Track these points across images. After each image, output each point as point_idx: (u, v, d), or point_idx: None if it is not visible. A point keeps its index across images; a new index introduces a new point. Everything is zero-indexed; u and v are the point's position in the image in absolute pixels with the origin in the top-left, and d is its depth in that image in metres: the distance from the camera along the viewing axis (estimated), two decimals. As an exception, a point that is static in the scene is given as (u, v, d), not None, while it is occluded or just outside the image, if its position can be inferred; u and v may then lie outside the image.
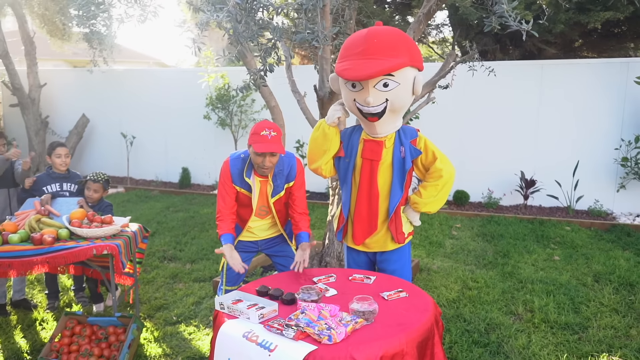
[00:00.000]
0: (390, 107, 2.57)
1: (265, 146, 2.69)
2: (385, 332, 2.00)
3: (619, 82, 6.57)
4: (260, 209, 3.02)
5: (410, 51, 2.51)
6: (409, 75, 2.53)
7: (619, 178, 6.70)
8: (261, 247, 3.19)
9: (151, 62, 24.32)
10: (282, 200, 3.02)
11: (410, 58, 2.50)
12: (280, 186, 2.95)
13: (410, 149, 2.67)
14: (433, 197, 2.67)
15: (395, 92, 2.53)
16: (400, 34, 2.54)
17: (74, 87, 9.52)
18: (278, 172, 2.93)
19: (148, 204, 7.62)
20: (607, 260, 4.94)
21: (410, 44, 2.54)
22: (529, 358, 3.19)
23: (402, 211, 2.76)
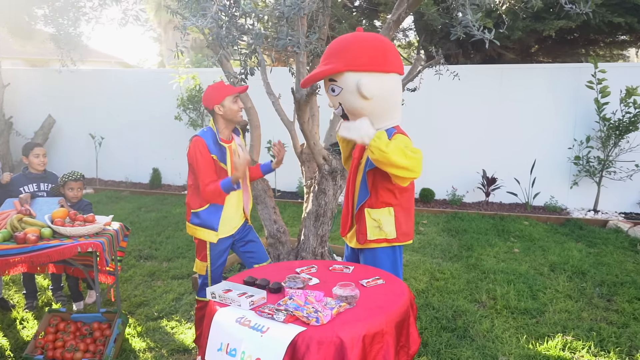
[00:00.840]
0: (346, 110, 2.70)
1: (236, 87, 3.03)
2: (367, 314, 2.20)
3: (571, 85, 7.03)
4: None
5: (346, 57, 2.56)
6: (350, 80, 2.59)
7: (572, 175, 7.16)
8: (235, 237, 3.26)
9: (113, 61, 23.91)
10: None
11: (345, 63, 2.56)
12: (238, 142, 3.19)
13: None
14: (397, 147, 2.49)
15: (342, 96, 2.64)
16: (344, 41, 2.61)
17: (39, 87, 9.36)
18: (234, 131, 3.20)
19: (119, 204, 7.61)
20: (561, 251, 5.33)
21: (349, 50, 2.57)
22: (492, 340, 3.46)
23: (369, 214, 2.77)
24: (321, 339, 2.02)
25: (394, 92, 2.71)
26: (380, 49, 2.62)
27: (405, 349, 2.26)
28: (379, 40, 2.65)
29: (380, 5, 7.88)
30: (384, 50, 2.63)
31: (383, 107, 2.70)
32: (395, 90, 2.72)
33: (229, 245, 3.29)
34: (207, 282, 3.25)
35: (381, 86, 2.63)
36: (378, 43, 2.64)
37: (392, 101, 2.73)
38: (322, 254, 4.45)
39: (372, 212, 2.78)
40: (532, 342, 3.44)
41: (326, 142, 4.59)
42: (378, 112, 2.70)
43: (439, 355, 3.27)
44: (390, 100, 2.72)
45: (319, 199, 4.32)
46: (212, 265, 3.20)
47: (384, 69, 2.62)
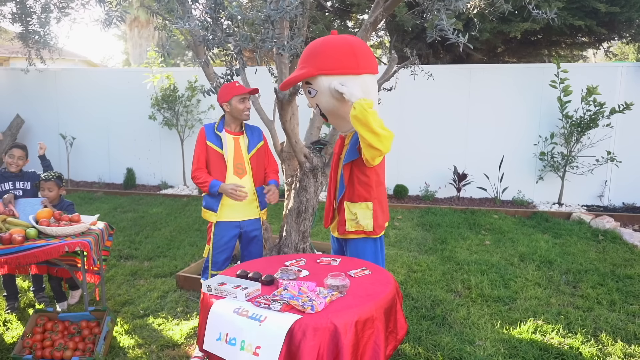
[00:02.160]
0: (322, 110, 2.87)
1: (245, 88, 3.25)
2: (357, 302, 2.34)
3: (536, 84, 7.36)
4: (237, 166, 3.32)
5: (318, 61, 2.71)
6: (323, 83, 2.75)
7: (538, 170, 7.50)
8: (243, 227, 3.40)
9: (77, 59, 23.36)
10: (258, 158, 3.39)
11: (317, 67, 2.71)
12: (253, 142, 3.38)
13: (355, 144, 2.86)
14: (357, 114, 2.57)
15: (317, 98, 2.81)
16: (316, 45, 2.75)
17: (5, 86, 9.15)
18: (249, 130, 3.41)
19: (93, 205, 7.54)
20: (529, 242, 5.61)
21: (321, 55, 2.71)
22: (469, 327, 3.66)
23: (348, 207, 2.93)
24: (316, 326, 2.14)
25: (366, 92, 2.81)
26: (350, 51, 2.73)
27: (393, 334, 2.41)
28: (349, 43, 2.76)
29: (352, 7, 8.04)
30: (354, 53, 2.74)
31: None
32: (368, 90, 2.83)
33: (234, 234, 3.38)
34: (209, 265, 3.38)
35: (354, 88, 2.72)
36: (348, 46, 2.75)
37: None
38: (304, 249, 4.57)
39: (351, 206, 2.95)
40: (506, 327, 3.65)
41: (307, 140, 4.71)
42: None
43: (420, 341, 3.44)
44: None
45: (300, 195, 4.43)
46: (214, 249, 3.36)
47: (355, 71, 2.74)
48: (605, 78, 7.12)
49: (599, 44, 9.11)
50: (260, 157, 3.43)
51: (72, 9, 5.05)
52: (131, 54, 20.08)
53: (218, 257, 3.37)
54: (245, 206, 3.38)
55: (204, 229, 6.28)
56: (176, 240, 5.78)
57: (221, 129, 3.37)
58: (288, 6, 2.87)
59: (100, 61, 30.78)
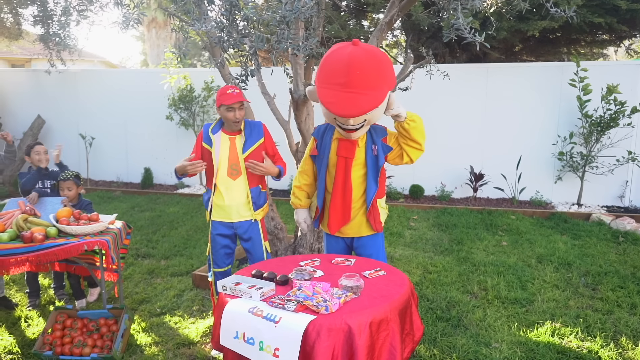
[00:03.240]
0: (367, 123, 2.88)
1: (233, 98, 3.14)
2: (372, 303, 2.34)
3: (555, 83, 7.25)
4: (232, 167, 3.26)
5: (388, 79, 2.71)
6: (389, 97, 2.78)
7: (557, 171, 7.40)
8: (236, 229, 3.39)
9: (96, 60, 23.71)
10: (255, 157, 3.29)
11: (389, 85, 2.71)
12: (250, 141, 3.28)
13: (383, 146, 2.97)
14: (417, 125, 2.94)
15: (372, 113, 2.76)
16: (380, 63, 2.68)
17: (27, 87, 9.33)
18: (249, 128, 3.32)
19: (112, 204, 7.65)
20: (548, 244, 5.53)
21: (388, 70, 2.71)
22: (485, 329, 3.63)
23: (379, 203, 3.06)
24: (331, 326, 2.15)
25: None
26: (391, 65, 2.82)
27: (410, 336, 2.41)
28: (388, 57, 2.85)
29: (368, 6, 8.02)
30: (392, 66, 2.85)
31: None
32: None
33: (228, 234, 3.39)
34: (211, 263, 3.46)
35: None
36: (389, 59, 2.85)
37: None
38: (319, 249, 4.58)
39: (381, 201, 3.12)
40: (523, 330, 3.61)
41: (322, 140, 4.70)
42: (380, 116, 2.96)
43: (435, 343, 3.42)
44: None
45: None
46: (212, 247, 3.42)
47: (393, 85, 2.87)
48: (626, 76, 6.99)
49: (619, 41, 8.95)
50: (258, 156, 3.31)
51: (90, 11, 5.14)
52: (149, 55, 20.30)
53: (216, 255, 3.42)
54: (237, 207, 3.33)
55: (220, 229, 6.33)
56: (192, 240, 5.84)
57: (216, 130, 3.31)
58: (303, 7, 2.88)
59: (119, 62, 31.21)
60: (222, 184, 3.29)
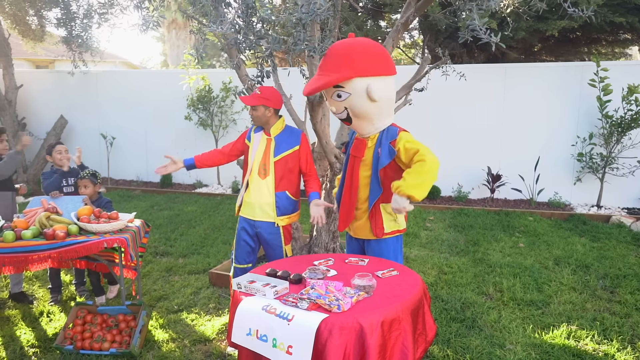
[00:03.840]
0: (351, 113, 2.89)
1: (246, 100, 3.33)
2: (384, 302, 2.36)
3: (574, 83, 7.16)
4: (262, 166, 3.36)
5: (354, 64, 2.75)
6: (359, 86, 2.78)
7: (576, 172, 7.30)
8: (257, 228, 3.44)
9: (117, 61, 24.09)
10: (287, 163, 3.35)
11: (354, 70, 2.74)
12: (282, 146, 3.36)
13: (389, 149, 2.90)
14: (415, 180, 2.66)
15: (349, 101, 2.83)
16: (348, 48, 2.78)
17: (50, 88, 9.54)
18: (285, 137, 3.40)
19: (131, 203, 7.79)
20: (565, 246, 5.47)
21: (355, 57, 2.76)
22: (500, 330, 3.62)
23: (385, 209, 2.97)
24: (343, 325, 2.17)
25: (393, 93, 2.98)
26: (382, 54, 2.85)
27: (423, 336, 2.42)
28: (378, 46, 2.89)
29: (385, 7, 8.02)
30: (385, 55, 2.87)
31: (385, 107, 2.93)
32: (393, 91, 2.99)
33: (250, 232, 3.47)
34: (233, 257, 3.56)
35: (385, 89, 2.86)
36: (379, 48, 2.87)
37: (392, 101, 2.99)
38: (334, 249, 4.61)
39: (388, 207, 2.97)
40: (538, 332, 3.59)
41: (337, 140, 4.74)
42: (380, 113, 2.93)
43: (449, 344, 3.43)
44: (391, 100, 2.97)
45: (331, 196, 4.47)
46: (236, 242, 3.53)
47: (387, 72, 2.85)
48: (648, 76, 6.87)
49: (642, 40, 8.79)
50: (290, 163, 3.36)
51: (111, 14, 5.25)
52: (169, 55, 20.56)
53: (238, 251, 3.51)
54: (261, 206, 3.39)
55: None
56: (210, 238, 5.92)
57: (258, 130, 3.47)
58: (319, 9, 2.91)
59: (140, 62, 31.67)
60: (252, 181, 3.41)
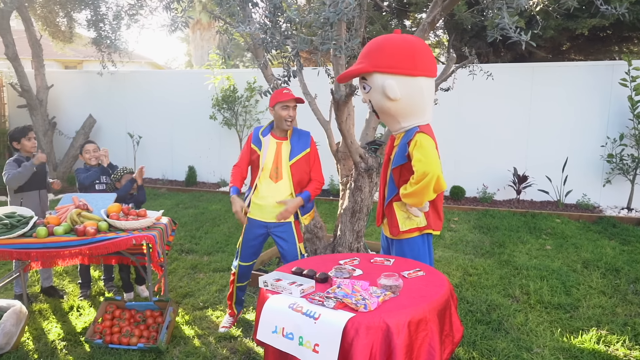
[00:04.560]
0: (374, 107, 2.90)
1: (289, 96, 3.29)
2: (410, 303, 2.35)
3: (604, 83, 7.00)
4: (275, 170, 3.38)
5: (375, 58, 2.73)
6: (377, 81, 2.77)
7: (605, 173, 7.13)
8: (271, 229, 3.50)
9: (143, 61, 24.48)
10: (301, 165, 3.40)
11: (373, 64, 2.73)
12: (297, 149, 3.39)
13: (404, 149, 2.85)
14: (409, 191, 2.75)
15: (371, 94, 2.85)
16: (378, 42, 2.77)
17: (80, 88, 9.76)
18: (297, 139, 3.41)
19: (157, 201, 7.91)
20: (594, 249, 5.35)
21: (379, 52, 2.73)
22: (526, 333, 3.56)
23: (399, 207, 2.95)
24: (369, 324, 2.17)
25: (420, 94, 2.81)
26: (409, 52, 2.73)
27: (450, 337, 2.40)
28: (410, 44, 2.75)
29: (410, 6, 7.97)
30: (412, 54, 2.73)
31: (408, 108, 2.85)
32: (422, 92, 2.81)
33: (260, 233, 3.51)
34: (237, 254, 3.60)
35: (407, 88, 2.76)
36: (409, 47, 2.74)
37: (418, 103, 2.84)
38: (358, 249, 4.60)
39: (402, 205, 2.95)
40: (567, 336, 3.52)
41: (362, 140, 4.73)
42: (403, 112, 2.87)
43: (474, 346, 3.39)
44: (415, 102, 2.83)
45: (355, 195, 4.46)
46: (243, 242, 3.56)
47: (411, 73, 2.74)
48: (682, 76, 6.67)
49: (676, 39, 8.54)
50: (303, 165, 3.42)
51: (140, 15, 5.36)
52: (193, 56, 20.82)
53: (245, 251, 3.57)
54: (273, 209, 3.42)
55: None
56: (234, 237, 5.97)
57: (266, 133, 3.45)
58: (346, 8, 2.91)
59: (165, 63, 32.15)
60: (263, 184, 3.42)
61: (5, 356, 3.36)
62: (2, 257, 3.42)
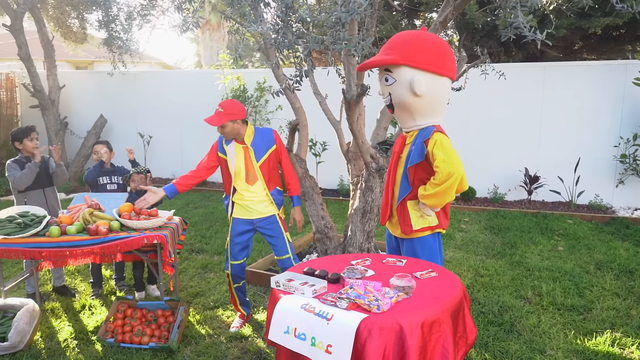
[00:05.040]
0: (393, 101, 2.86)
1: (207, 118, 3.47)
2: (424, 304, 2.33)
3: (617, 83, 6.92)
4: (249, 173, 3.53)
5: (407, 51, 2.71)
6: (405, 74, 2.74)
7: (618, 174, 7.05)
8: (257, 225, 3.64)
9: (153, 62, 24.59)
10: (270, 163, 3.56)
11: (402, 57, 2.71)
12: (262, 150, 3.53)
13: (421, 148, 2.83)
14: (431, 192, 2.74)
15: (393, 87, 2.80)
16: (408, 36, 2.76)
17: (91, 88, 9.82)
18: (259, 140, 3.54)
19: (168, 200, 7.94)
20: (607, 250, 5.29)
21: (411, 46, 2.72)
22: (539, 335, 3.53)
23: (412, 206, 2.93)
24: (382, 325, 2.16)
25: (442, 94, 2.86)
26: (440, 51, 2.77)
27: (463, 339, 2.38)
28: (441, 44, 2.80)
29: (421, 5, 7.93)
30: (443, 53, 2.78)
31: (428, 106, 2.85)
32: (444, 93, 2.87)
33: (246, 230, 3.63)
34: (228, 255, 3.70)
35: (432, 86, 2.78)
36: (440, 46, 2.79)
37: (438, 102, 2.88)
38: (369, 249, 4.59)
39: (415, 204, 2.93)
40: (580, 338, 3.48)
41: (373, 140, 4.72)
42: (422, 110, 2.86)
43: (487, 347, 3.36)
44: (437, 100, 2.86)
45: (366, 195, 4.45)
46: (231, 242, 3.65)
47: (439, 71, 2.76)
48: (697, 75, 6.58)
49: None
50: (272, 162, 3.58)
51: (152, 15, 5.39)
52: (203, 56, 20.91)
53: (234, 248, 3.66)
54: (257, 207, 3.59)
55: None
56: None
57: (229, 142, 3.58)
58: (359, 7, 2.90)
59: (174, 63, 32.30)
60: (241, 187, 3.56)
61: (18, 354, 3.39)
62: (15, 256, 3.44)
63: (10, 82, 10.04)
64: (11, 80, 10.05)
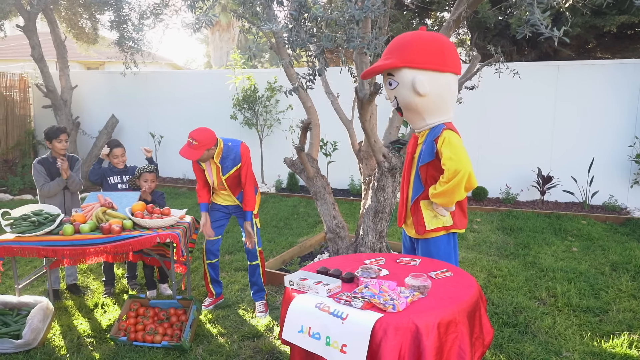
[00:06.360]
0: (400, 103, 2.85)
1: (182, 151, 3.71)
2: (439, 304, 2.30)
3: (632, 82, 6.83)
4: (220, 184, 3.91)
5: (405, 54, 2.71)
6: (406, 76, 2.74)
7: (633, 174, 6.96)
8: (232, 211, 4.07)
9: (163, 62, 24.71)
10: (234, 179, 3.91)
11: (403, 60, 2.70)
12: (228, 167, 3.84)
13: (431, 146, 2.81)
14: (440, 190, 2.72)
15: (397, 90, 2.80)
16: (406, 38, 2.75)
17: (103, 88, 9.89)
18: (225, 157, 3.84)
19: (178, 200, 7.97)
20: (623, 251, 5.22)
21: (408, 48, 2.71)
22: (555, 337, 3.48)
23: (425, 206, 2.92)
24: (398, 325, 2.14)
25: (447, 90, 2.83)
26: (439, 48, 2.75)
27: (480, 340, 2.35)
28: (438, 40, 2.77)
29: (432, 4, 7.89)
30: (442, 50, 2.75)
31: (435, 104, 2.84)
32: (449, 89, 2.83)
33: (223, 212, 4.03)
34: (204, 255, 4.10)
35: (436, 84, 2.76)
36: (437, 43, 2.76)
37: (445, 99, 2.85)
38: (381, 249, 4.56)
39: (428, 204, 2.91)
40: (597, 340, 3.43)
41: (385, 139, 4.69)
42: (430, 109, 2.85)
43: (501, 349, 3.32)
44: (443, 98, 2.84)
45: (378, 195, 4.42)
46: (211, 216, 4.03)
47: (440, 69, 2.74)
48: None
49: None
50: (236, 177, 3.90)
51: (165, 14, 5.42)
52: (212, 57, 20.99)
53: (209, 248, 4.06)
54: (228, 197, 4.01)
55: (281, 226, 6.44)
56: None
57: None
58: (373, 5, 2.88)
59: (184, 64, 32.47)
60: (216, 191, 4.01)
61: (32, 352, 3.40)
62: (29, 254, 3.47)
63: (24, 82, 10.14)
64: (24, 81, 10.16)
